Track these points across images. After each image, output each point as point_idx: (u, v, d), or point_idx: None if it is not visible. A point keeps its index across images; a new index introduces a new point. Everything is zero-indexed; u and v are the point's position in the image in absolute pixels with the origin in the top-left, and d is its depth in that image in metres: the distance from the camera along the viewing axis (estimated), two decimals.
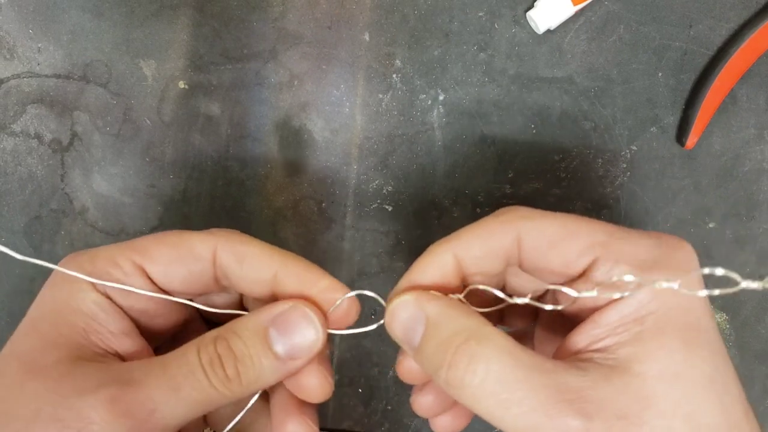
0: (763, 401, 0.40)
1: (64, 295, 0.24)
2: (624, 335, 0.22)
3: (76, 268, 0.25)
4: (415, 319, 0.24)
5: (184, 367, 0.23)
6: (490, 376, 0.21)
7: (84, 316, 0.24)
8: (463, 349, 0.22)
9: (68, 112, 0.37)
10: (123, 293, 0.25)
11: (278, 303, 0.25)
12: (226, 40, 0.37)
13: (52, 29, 0.36)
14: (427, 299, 0.25)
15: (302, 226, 0.38)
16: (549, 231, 0.24)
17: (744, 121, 0.37)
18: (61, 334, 0.23)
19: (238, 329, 0.24)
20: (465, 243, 0.25)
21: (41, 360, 0.23)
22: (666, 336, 0.21)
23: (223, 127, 0.37)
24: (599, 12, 0.36)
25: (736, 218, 0.38)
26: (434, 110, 0.37)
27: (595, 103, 0.37)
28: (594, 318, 0.23)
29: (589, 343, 0.23)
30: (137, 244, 0.26)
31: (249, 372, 0.24)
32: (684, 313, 0.22)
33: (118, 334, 0.25)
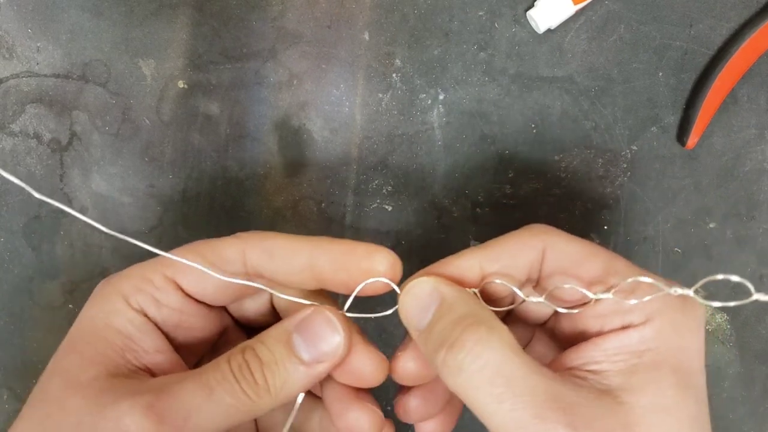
0: (763, 401, 0.40)
1: (101, 315, 0.25)
2: (620, 364, 0.23)
3: (110, 288, 0.26)
4: (429, 299, 0.24)
5: (217, 373, 0.24)
6: (490, 365, 0.21)
7: (119, 334, 0.25)
8: (472, 330, 0.22)
9: (67, 112, 0.37)
10: (156, 307, 0.26)
11: (302, 309, 0.26)
12: (226, 40, 0.36)
13: (51, 29, 0.36)
14: (444, 283, 0.25)
15: (302, 226, 0.38)
16: (574, 249, 0.25)
17: (745, 121, 0.37)
18: (98, 352, 0.24)
19: (264, 337, 0.25)
20: (493, 254, 0.26)
21: (81, 376, 0.24)
22: (660, 372, 0.22)
23: (222, 127, 0.37)
24: (600, 11, 0.36)
25: (736, 218, 0.38)
26: (434, 110, 0.37)
27: (596, 102, 0.37)
28: (595, 341, 0.24)
29: (584, 363, 0.23)
30: (167, 259, 0.26)
31: (276, 377, 0.24)
32: (680, 354, 0.23)
33: (152, 352, 0.25)
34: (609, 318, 0.24)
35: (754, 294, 0.20)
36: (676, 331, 0.23)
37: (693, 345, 0.23)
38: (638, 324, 0.23)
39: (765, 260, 0.38)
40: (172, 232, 0.38)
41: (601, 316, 0.24)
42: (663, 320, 0.23)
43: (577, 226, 0.38)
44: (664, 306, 0.23)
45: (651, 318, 0.23)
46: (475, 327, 0.22)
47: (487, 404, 0.21)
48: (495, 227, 0.38)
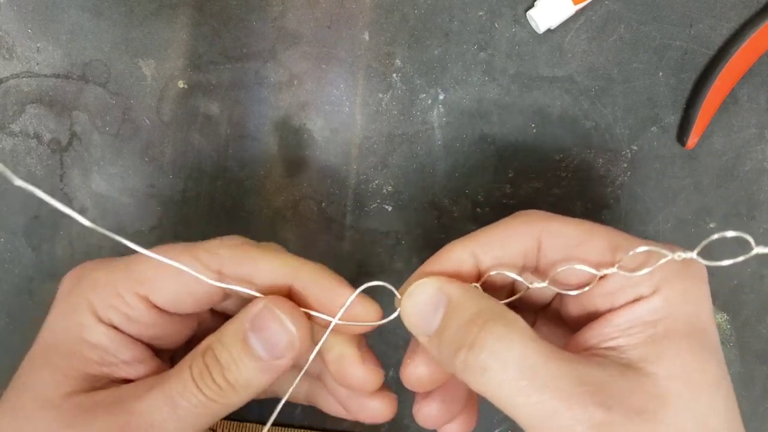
0: (763, 401, 0.40)
1: (74, 327, 0.24)
2: (637, 336, 0.22)
3: (79, 297, 0.25)
4: (435, 301, 0.24)
5: (180, 383, 0.23)
6: (512, 360, 0.21)
7: (95, 348, 0.24)
8: (489, 328, 0.22)
9: (67, 112, 0.37)
10: (129, 323, 0.25)
11: (254, 303, 0.25)
12: (226, 40, 0.36)
13: (51, 29, 0.36)
14: (447, 282, 0.24)
15: (302, 226, 0.38)
16: (570, 232, 0.24)
17: (745, 121, 0.37)
18: (73, 367, 0.24)
19: (222, 336, 0.24)
20: (485, 242, 0.25)
21: (54, 393, 0.23)
22: (677, 339, 0.22)
23: (222, 127, 0.37)
24: (600, 11, 0.36)
25: (736, 218, 0.38)
26: (434, 110, 0.37)
27: (596, 102, 0.37)
28: (607, 317, 0.23)
29: (600, 341, 0.23)
30: (139, 272, 0.25)
31: (237, 378, 0.24)
32: (693, 319, 0.23)
33: (132, 363, 0.25)
34: (618, 294, 0.23)
35: (755, 248, 0.21)
36: (685, 296, 0.23)
37: (702, 307, 0.23)
38: (647, 295, 0.23)
39: (765, 260, 0.38)
40: (172, 232, 0.38)
41: (610, 293, 0.24)
42: (671, 288, 0.23)
43: None
44: (670, 274, 0.23)
45: (659, 288, 0.23)
46: (492, 324, 0.22)
47: (514, 398, 0.21)
48: None
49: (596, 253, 0.24)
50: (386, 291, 0.26)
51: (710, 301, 0.24)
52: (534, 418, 0.21)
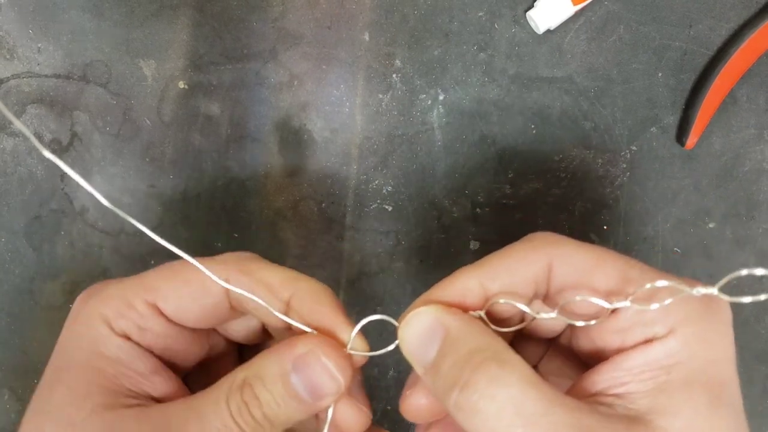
0: (763, 401, 0.40)
1: (86, 341, 0.24)
2: (648, 383, 0.21)
3: (91, 311, 0.24)
4: (432, 332, 0.23)
5: (218, 416, 0.23)
6: (508, 404, 0.20)
7: (110, 361, 0.24)
8: (484, 368, 0.21)
9: (68, 112, 0.37)
10: (141, 333, 0.25)
11: (298, 342, 0.24)
12: (226, 40, 0.37)
13: (52, 29, 0.36)
14: (446, 312, 0.23)
15: (302, 227, 0.38)
16: (582, 258, 0.23)
17: (744, 121, 0.37)
18: (90, 383, 0.23)
19: (263, 373, 0.24)
20: (493, 269, 0.24)
21: (75, 415, 0.22)
22: (692, 390, 0.20)
23: (222, 127, 0.37)
24: (599, 12, 0.36)
25: (736, 218, 0.38)
26: (434, 110, 0.37)
27: (595, 103, 0.37)
28: (616, 360, 0.22)
29: (608, 386, 0.21)
30: (148, 281, 0.25)
31: (277, 416, 0.23)
32: (711, 367, 0.21)
33: (148, 374, 0.24)
34: (630, 332, 0.22)
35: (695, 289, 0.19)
36: (704, 339, 0.21)
37: (723, 353, 0.21)
38: (662, 336, 0.21)
39: (765, 260, 0.39)
40: (173, 233, 0.38)
41: (621, 330, 0.22)
42: (688, 329, 0.21)
43: (577, 226, 0.38)
44: (688, 313, 0.21)
45: (675, 328, 0.21)
46: (486, 366, 0.21)
47: None
48: (495, 227, 0.38)
49: (608, 283, 0.22)
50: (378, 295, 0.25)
51: (732, 342, 0.22)
52: None
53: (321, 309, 0.25)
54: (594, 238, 0.38)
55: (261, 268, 0.25)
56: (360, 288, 0.38)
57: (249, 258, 0.26)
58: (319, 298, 0.25)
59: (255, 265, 0.26)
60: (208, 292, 0.25)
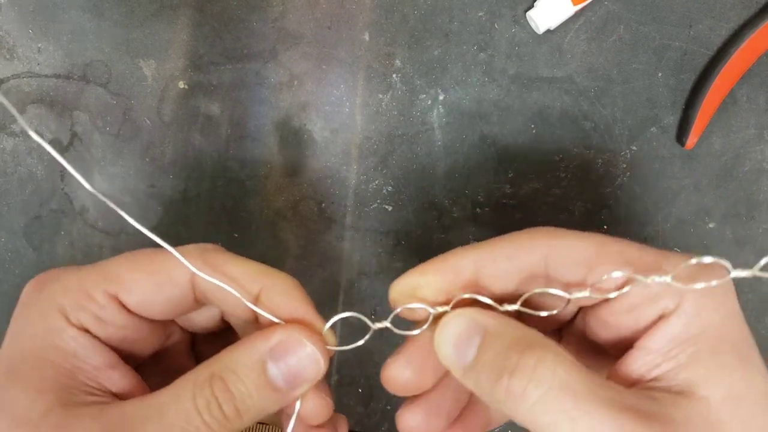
0: None
1: (40, 333, 0.23)
2: (680, 357, 0.21)
3: (46, 301, 0.23)
4: (470, 333, 0.23)
5: (181, 414, 0.22)
6: (556, 384, 0.20)
7: (66, 354, 0.23)
8: (530, 353, 0.21)
9: (68, 112, 0.37)
10: (99, 325, 0.24)
11: (273, 331, 0.24)
12: (226, 40, 0.37)
13: (52, 29, 0.36)
14: (482, 313, 0.23)
15: (302, 226, 0.38)
16: (580, 251, 0.23)
17: (744, 121, 0.37)
18: (45, 379, 0.22)
19: (235, 366, 0.23)
20: (490, 255, 0.24)
21: (30, 412, 0.21)
22: (723, 355, 0.21)
23: (222, 127, 0.37)
24: (599, 12, 0.36)
25: (736, 218, 0.38)
26: (434, 110, 0.37)
27: (595, 103, 0.37)
28: (642, 345, 0.22)
29: (644, 372, 0.22)
30: (109, 271, 0.24)
31: (249, 409, 0.23)
32: (733, 330, 0.21)
33: (105, 369, 0.24)
34: (640, 310, 0.22)
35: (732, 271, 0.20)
36: (714, 304, 0.21)
37: (733, 312, 0.22)
38: (673, 308, 0.22)
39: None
40: (173, 233, 0.38)
41: (631, 308, 0.23)
42: (696, 298, 0.21)
43: (577, 226, 0.38)
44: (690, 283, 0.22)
45: (682, 299, 0.22)
46: (531, 350, 0.21)
47: (559, 426, 0.20)
48: (495, 227, 0.38)
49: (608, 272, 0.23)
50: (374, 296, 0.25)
51: (737, 304, 0.22)
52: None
53: (292, 303, 0.24)
54: None
55: (227, 261, 0.25)
56: (360, 288, 0.38)
57: (213, 249, 0.25)
58: (290, 292, 0.24)
59: (221, 257, 0.25)
60: (174, 284, 0.24)
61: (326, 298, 0.39)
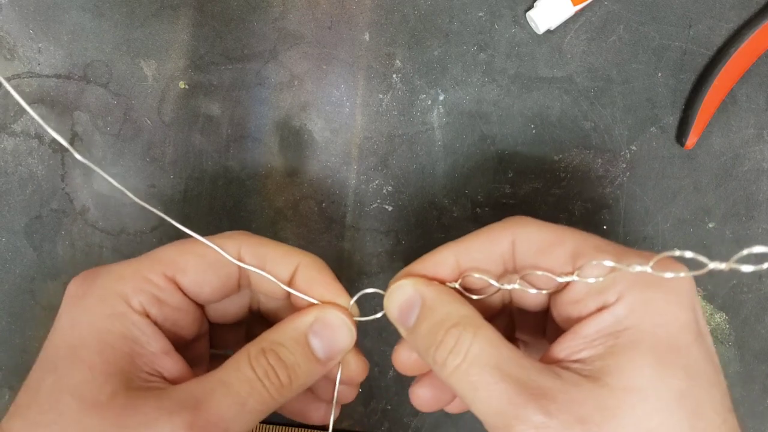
0: (763, 401, 0.40)
1: (101, 319, 0.24)
2: (599, 348, 0.23)
3: (105, 289, 0.25)
4: (411, 302, 0.26)
5: (245, 383, 0.24)
6: (467, 359, 0.23)
7: (127, 340, 0.24)
8: (452, 332, 0.24)
9: (69, 112, 0.37)
10: (159, 307, 0.25)
11: (310, 310, 0.27)
12: (227, 40, 0.37)
13: (53, 29, 0.36)
14: (424, 284, 0.26)
15: (302, 226, 0.38)
16: (539, 237, 0.26)
17: (744, 121, 0.37)
18: (109, 363, 0.23)
19: (282, 339, 0.26)
20: (466, 246, 0.27)
21: (97, 395, 0.22)
22: (638, 351, 0.22)
23: (223, 127, 0.37)
24: (599, 12, 0.36)
25: (735, 218, 0.38)
26: (434, 110, 0.37)
27: (595, 103, 0.37)
28: (575, 329, 0.24)
29: (568, 354, 0.24)
30: (162, 256, 0.26)
31: (299, 378, 0.25)
32: (660, 331, 0.22)
33: (161, 355, 0.25)
34: (584, 302, 0.24)
35: (709, 264, 0.21)
36: (650, 306, 0.23)
37: (674, 319, 0.23)
38: (613, 302, 0.23)
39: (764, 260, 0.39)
40: (173, 233, 0.38)
41: (576, 300, 0.24)
42: (635, 297, 0.23)
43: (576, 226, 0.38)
44: (634, 282, 0.23)
45: (622, 295, 0.23)
46: (454, 329, 0.24)
47: (466, 394, 0.23)
48: None
49: (561, 260, 0.25)
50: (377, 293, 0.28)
51: (689, 308, 0.23)
52: (482, 413, 0.23)
53: (323, 279, 0.27)
54: None
55: (262, 244, 0.27)
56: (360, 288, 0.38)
57: (249, 235, 0.28)
58: (320, 269, 0.28)
59: (259, 240, 0.28)
60: (224, 264, 0.26)
61: None
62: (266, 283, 0.27)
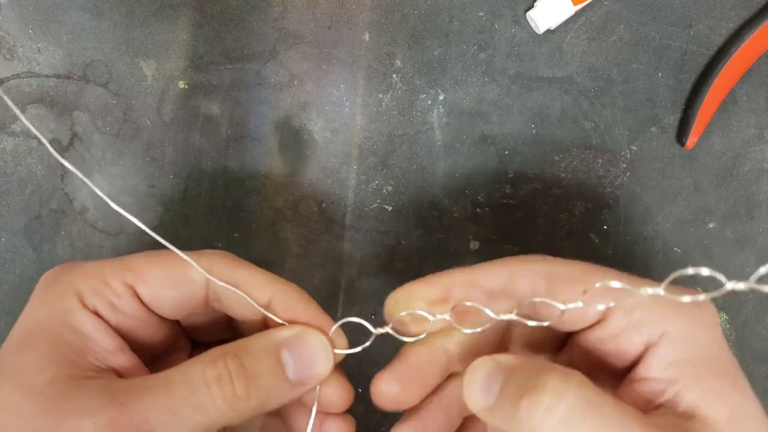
0: (763, 401, 0.40)
1: (58, 312, 0.24)
2: (681, 381, 0.22)
3: (64, 284, 0.24)
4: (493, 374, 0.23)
5: (186, 386, 0.22)
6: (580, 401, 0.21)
7: (78, 334, 0.23)
8: (550, 373, 0.21)
9: (68, 112, 0.37)
10: (112, 312, 0.24)
11: (291, 326, 0.25)
12: (226, 40, 0.37)
13: (52, 29, 0.36)
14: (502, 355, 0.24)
15: (302, 226, 0.38)
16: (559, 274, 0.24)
17: (744, 121, 0.37)
18: (57, 352, 0.23)
19: (251, 347, 0.24)
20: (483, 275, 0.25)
21: (36, 379, 0.22)
22: (719, 377, 0.22)
23: (223, 127, 0.37)
24: (599, 12, 0.36)
25: (736, 218, 0.38)
26: (434, 110, 0.37)
27: (595, 103, 0.37)
28: (641, 374, 0.23)
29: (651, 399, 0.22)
30: (129, 262, 0.25)
31: (260, 391, 0.23)
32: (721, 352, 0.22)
33: (114, 351, 0.24)
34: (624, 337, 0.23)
35: (727, 284, 0.20)
36: (701, 327, 0.22)
37: (712, 340, 0.23)
38: (659, 335, 0.22)
39: (765, 260, 0.39)
40: (173, 233, 0.38)
41: (614, 336, 0.23)
42: (683, 322, 0.22)
43: (577, 226, 0.38)
44: (673, 308, 0.22)
45: (667, 324, 0.22)
46: (552, 371, 0.21)
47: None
48: (495, 227, 0.38)
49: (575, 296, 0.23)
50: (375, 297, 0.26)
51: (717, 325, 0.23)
52: None
53: (302, 307, 0.25)
54: (594, 238, 0.38)
55: (241, 267, 0.26)
56: (360, 288, 0.38)
57: (226, 256, 0.26)
58: (300, 297, 0.26)
59: (235, 263, 0.26)
60: (190, 282, 0.25)
61: (326, 298, 0.39)
62: (238, 307, 0.25)
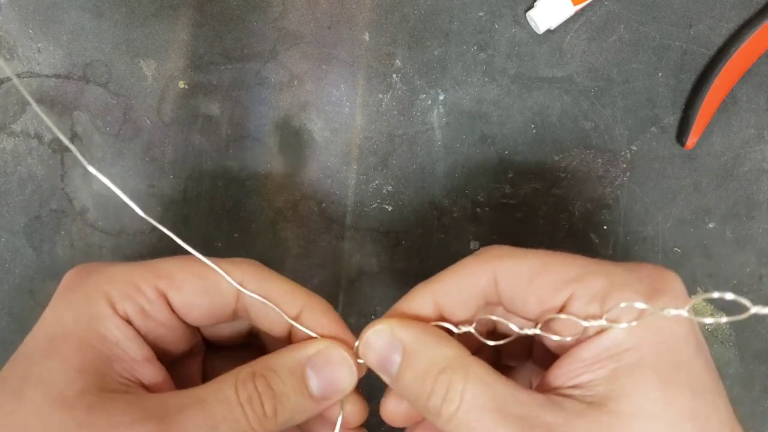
0: (763, 401, 0.40)
1: (85, 318, 0.23)
2: (599, 372, 0.22)
3: (93, 287, 0.24)
4: (390, 347, 0.24)
5: (223, 404, 0.22)
6: (463, 405, 0.22)
7: (108, 342, 0.23)
8: (441, 378, 0.22)
9: (68, 112, 0.37)
10: (143, 318, 0.24)
11: (313, 342, 0.25)
12: (226, 40, 0.37)
13: (52, 29, 0.36)
14: (401, 327, 0.24)
15: (302, 226, 0.38)
16: (522, 269, 0.24)
17: (744, 121, 0.37)
18: (85, 361, 0.22)
19: (276, 367, 0.24)
20: (443, 286, 0.25)
21: (67, 390, 0.21)
22: (642, 373, 0.21)
23: (222, 127, 0.37)
24: (599, 12, 0.36)
25: (736, 218, 0.38)
26: (434, 110, 0.37)
27: (595, 103, 0.37)
28: (572, 353, 0.23)
29: (566, 379, 0.23)
30: (161, 268, 0.25)
31: (285, 411, 0.24)
32: (662, 349, 0.22)
33: (142, 362, 0.24)
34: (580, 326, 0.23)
35: (751, 308, 0.19)
36: (649, 323, 0.22)
37: (674, 334, 0.22)
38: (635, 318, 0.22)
39: (764, 260, 0.39)
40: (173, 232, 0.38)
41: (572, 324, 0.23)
42: (632, 316, 0.22)
43: (576, 226, 0.38)
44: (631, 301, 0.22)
45: (621, 317, 0.22)
46: (443, 376, 0.23)
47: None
48: (495, 227, 0.38)
49: (546, 289, 0.23)
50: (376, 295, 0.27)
51: (688, 322, 0.22)
52: None
53: (329, 321, 0.26)
54: (594, 238, 0.38)
55: (271, 278, 0.26)
56: (360, 288, 0.38)
57: (257, 266, 0.26)
58: (328, 311, 0.26)
59: (266, 274, 0.26)
60: (221, 291, 0.25)
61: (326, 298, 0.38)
62: (266, 319, 0.26)
